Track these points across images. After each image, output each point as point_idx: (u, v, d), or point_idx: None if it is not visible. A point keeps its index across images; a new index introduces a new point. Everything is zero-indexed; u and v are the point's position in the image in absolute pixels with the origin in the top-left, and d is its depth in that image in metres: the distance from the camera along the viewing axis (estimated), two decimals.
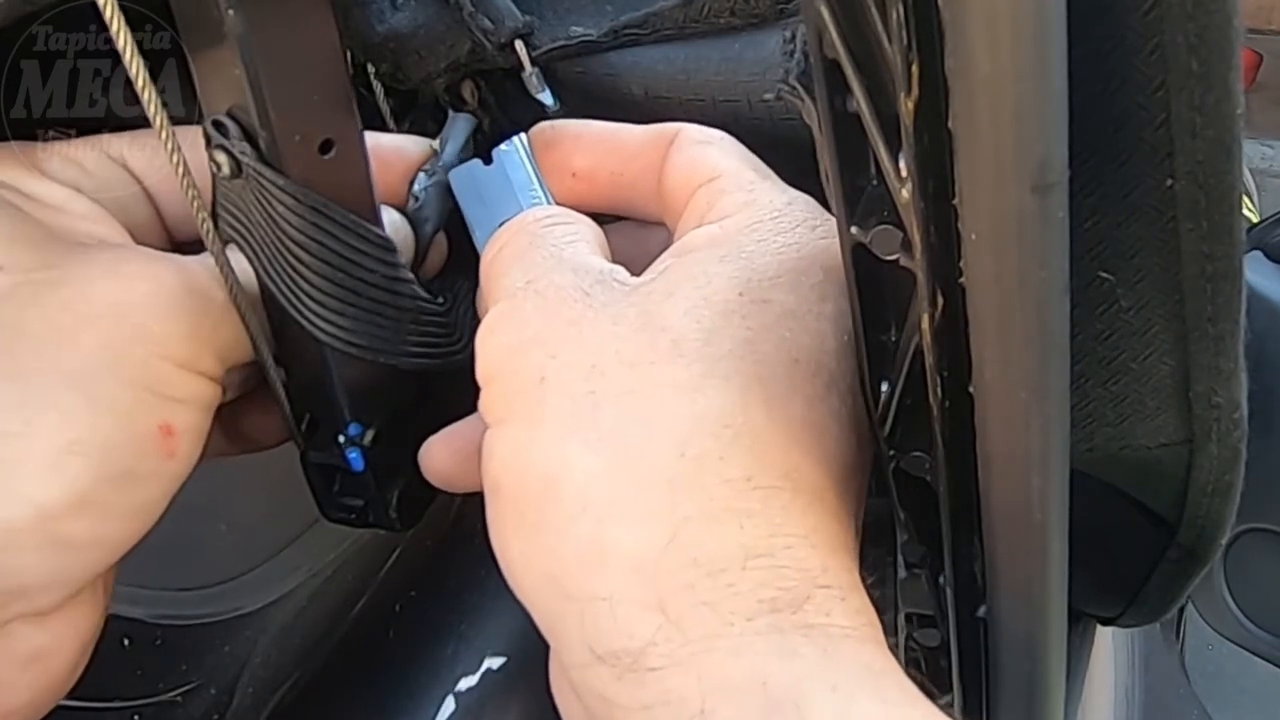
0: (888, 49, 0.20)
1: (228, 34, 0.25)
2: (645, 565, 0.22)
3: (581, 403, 0.24)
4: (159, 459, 0.26)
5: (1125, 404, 0.26)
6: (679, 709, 0.21)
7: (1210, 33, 0.18)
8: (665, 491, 0.23)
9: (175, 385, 0.26)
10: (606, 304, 0.25)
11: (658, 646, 0.22)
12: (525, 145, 0.32)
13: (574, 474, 0.23)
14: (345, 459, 0.31)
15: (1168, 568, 0.30)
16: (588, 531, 0.23)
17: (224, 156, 0.27)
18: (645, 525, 0.23)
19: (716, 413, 0.23)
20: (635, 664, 0.22)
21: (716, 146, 0.29)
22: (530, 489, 0.24)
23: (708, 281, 0.25)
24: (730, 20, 0.33)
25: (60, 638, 0.26)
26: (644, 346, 0.24)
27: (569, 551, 0.23)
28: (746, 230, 0.27)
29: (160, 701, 0.42)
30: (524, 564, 0.24)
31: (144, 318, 0.25)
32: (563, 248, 0.27)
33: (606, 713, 0.22)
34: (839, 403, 0.25)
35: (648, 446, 0.23)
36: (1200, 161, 0.20)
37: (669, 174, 0.29)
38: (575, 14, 0.37)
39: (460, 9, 0.35)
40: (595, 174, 0.31)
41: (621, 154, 0.30)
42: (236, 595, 0.45)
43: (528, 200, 0.31)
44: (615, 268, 0.27)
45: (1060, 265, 0.17)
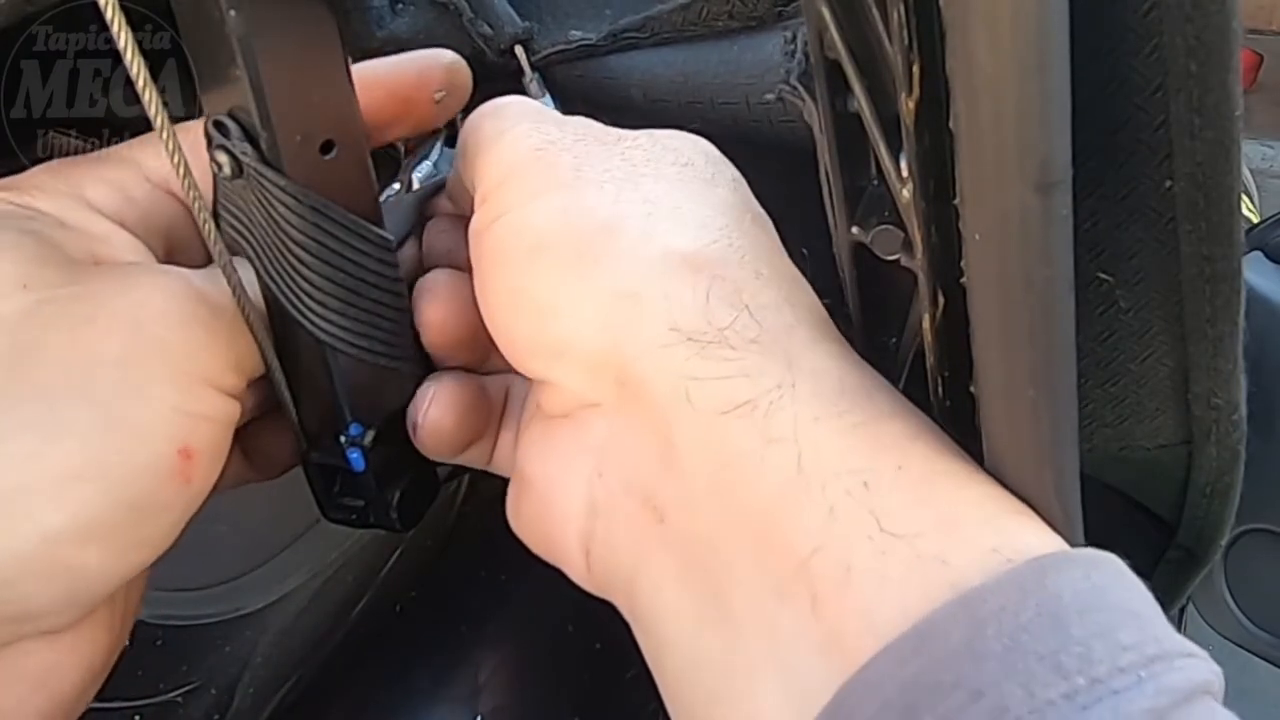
0: (889, 49, 0.20)
1: (228, 34, 0.25)
2: (715, 264, 0.25)
3: (622, 178, 0.27)
4: (176, 486, 0.25)
5: (1124, 405, 0.26)
6: (757, 380, 0.23)
7: (1209, 34, 0.18)
8: (717, 214, 0.27)
9: (197, 401, 0.26)
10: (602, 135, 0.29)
11: (739, 332, 0.24)
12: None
13: (634, 214, 0.26)
14: (346, 459, 0.31)
15: (1167, 568, 0.30)
16: (661, 248, 0.25)
17: (225, 157, 0.27)
18: (706, 233, 0.26)
19: (731, 192, 0.28)
20: (720, 339, 0.24)
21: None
22: (589, 235, 0.26)
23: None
24: (728, 23, 0.33)
25: (70, 656, 0.25)
26: (654, 156, 0.28)
27: (639, 269, 0.25)
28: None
29: (161, 702, 0.42)
30: (581, 298, 0.25)
31: (162, 333, 0.25)
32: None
33: (678, 389, 0.24)
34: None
35: (686, 203, 0.27)
36: (1199, 163, 0.20)
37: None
38: (574, 18, 0.37)
39: (460, 15, 0.35)
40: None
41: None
42: (237, 595, 0.45)
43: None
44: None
45: (1065, 264, 0.17)
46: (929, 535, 0.20)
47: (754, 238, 0.27)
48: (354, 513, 0.33)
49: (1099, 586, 0.19)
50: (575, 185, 0.27)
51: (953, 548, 0.20)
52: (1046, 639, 0.17)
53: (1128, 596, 0.19)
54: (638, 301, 0.25)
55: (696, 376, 0.23)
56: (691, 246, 0.25)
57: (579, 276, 0.25)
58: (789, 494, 0.22)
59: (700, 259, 0.25)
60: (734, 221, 0.27)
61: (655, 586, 0.24)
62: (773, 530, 0.22)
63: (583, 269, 0.25)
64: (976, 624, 0.18)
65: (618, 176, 0.27)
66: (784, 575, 0.21)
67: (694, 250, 0.25)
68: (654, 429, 0.24)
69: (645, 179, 0.27)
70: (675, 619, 0.23)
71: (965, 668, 0.17)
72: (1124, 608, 0.18)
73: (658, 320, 0.24)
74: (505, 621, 0.44)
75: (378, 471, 0.31)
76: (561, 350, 0.26)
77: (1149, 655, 0.18)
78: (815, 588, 0.21)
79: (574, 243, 0.26)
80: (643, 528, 0.24)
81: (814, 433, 0.22)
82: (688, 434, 0.23)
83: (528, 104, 0.30)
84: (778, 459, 0.22)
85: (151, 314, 0.25)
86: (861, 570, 0.20)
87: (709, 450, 0.23)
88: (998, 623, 0.18)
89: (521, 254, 0.26)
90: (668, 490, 0.24)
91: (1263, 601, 0.51)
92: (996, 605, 0.18)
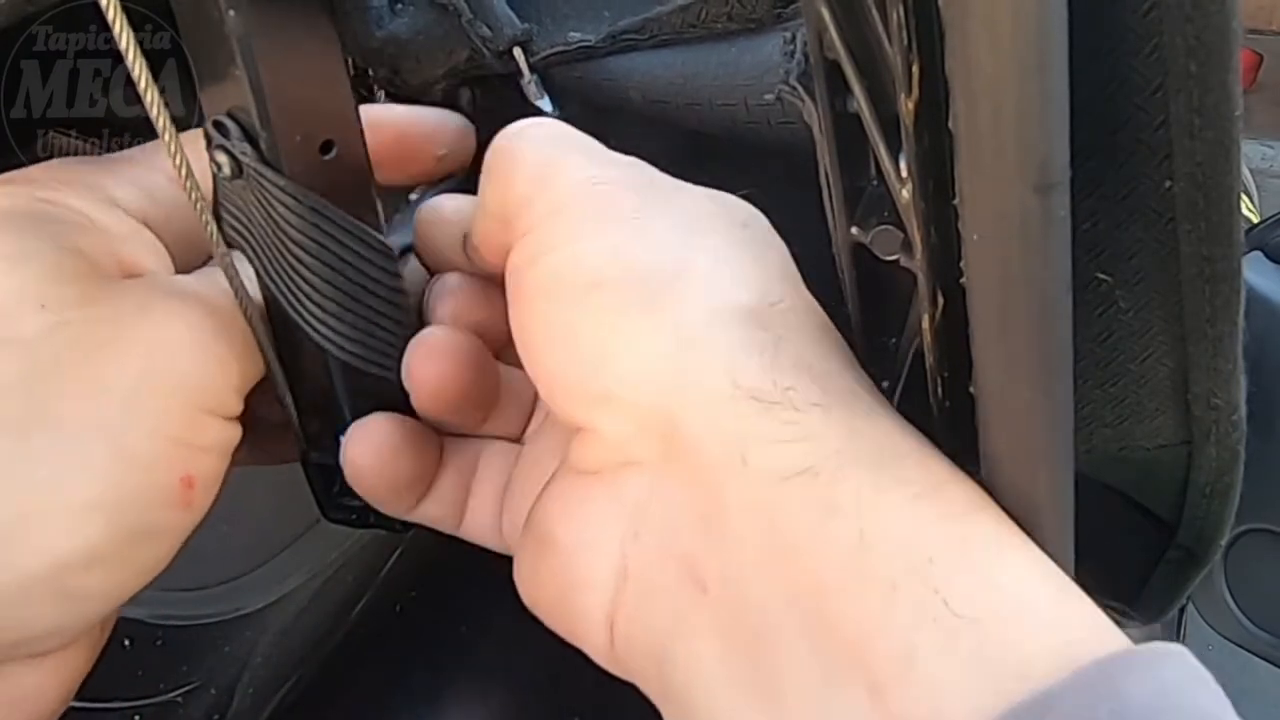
0: (888, 49, 0.20)
1: (228, 34, 0.25)
2: (779, 325, 0.24)
3: (685, 226, 0.26)
4: (177, 512, 0.25)
5: (1124, 405, 0.26)
6: (819, 446, 0.22)
7: (1209, 34, 0.18)
8: (776, 277, 0.26)
9: (199, 433, 0.26)
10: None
11: (803, 394, 0.23)
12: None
13: (700, 262, 0.25)
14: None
15: (1167, 568, 0.30)
16: (723, 301, 0.24)
17: (224, 157, 0.27)
18: (771, 293, 0.25)
19: (784, 259, 0.27)
20: (785, 400, 0.23)
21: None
22: (651, 276, 0.24)
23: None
24: (727, 25, 0.33)
25: (51, 678, 0.26)
26: (714, 211, 0.27)
27: (703, 318, 0.24)
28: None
29: (161, 702, 0.42)
30: (639, 341, 0.24)
31: (174, 364, 0.25)
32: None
33: (734, 449, 0.22)
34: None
35: (749, 262, 0.26)
36: (1199, 163, 0.20)
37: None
38: (573, 20, 0.37)
39: (459, 16, 0.35)
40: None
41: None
42: (237, 596, 0.46)
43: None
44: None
45: (1063, 265, 0.17)
46: (995, 619, 0.19)
47: (809, 305, 0.26)
48: (354, 513, 0.33)
49: (1168, 685, 0.18)
50: (637, 225, 0.25)
51: (1024, 637, 0.19)
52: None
53: (1198, 697, 0.18)
54: (700, 350, 0.23)
55: (757, 438, 0.22)
56: (758, 303, 0.24)
57: (638, 318, 0.24)
58: (849, 569, 0.20)
59: (766, 317, 0.24)
60: (793, 287, 0.26)
61: (694, 663, 0.23)
62: (830, 608, 0.20)
63: (643, 311, 0.24)
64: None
65: (680, 223, 0.26)
66: (839, 657, 0.20)
67: (760, 307, 0.24)
68: (702, 491, 0.23)
69: (707, 232, 0.26)
70: (716, 699, 0.22)
71: None
72: (1196, 710, 0.18)
73: (720, 373, 0.23)
74: (505, 622, 0.44)
75: None
76: (611, 395, 0.24)
77: None
78: (874, 673, 0.19)
79: (634, 283, 0.24)
80: (683, 598, 0.23)
81: (876, 505, 0.21)
82: (741, 499, 0.22)
83: (571, 132, 0.28)
84: (839, 531, 0.21)
85: (166, 343, 0.25)
86: (924, 655, 0.19)
87: (764, 518, 0.22)
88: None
89: (575, 291, 0.25)
90: (714, 559, 0.23)
91: (1263, 601, 0.51)
92: (1069, 708, 0.17)
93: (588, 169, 0.27)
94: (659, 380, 0.24)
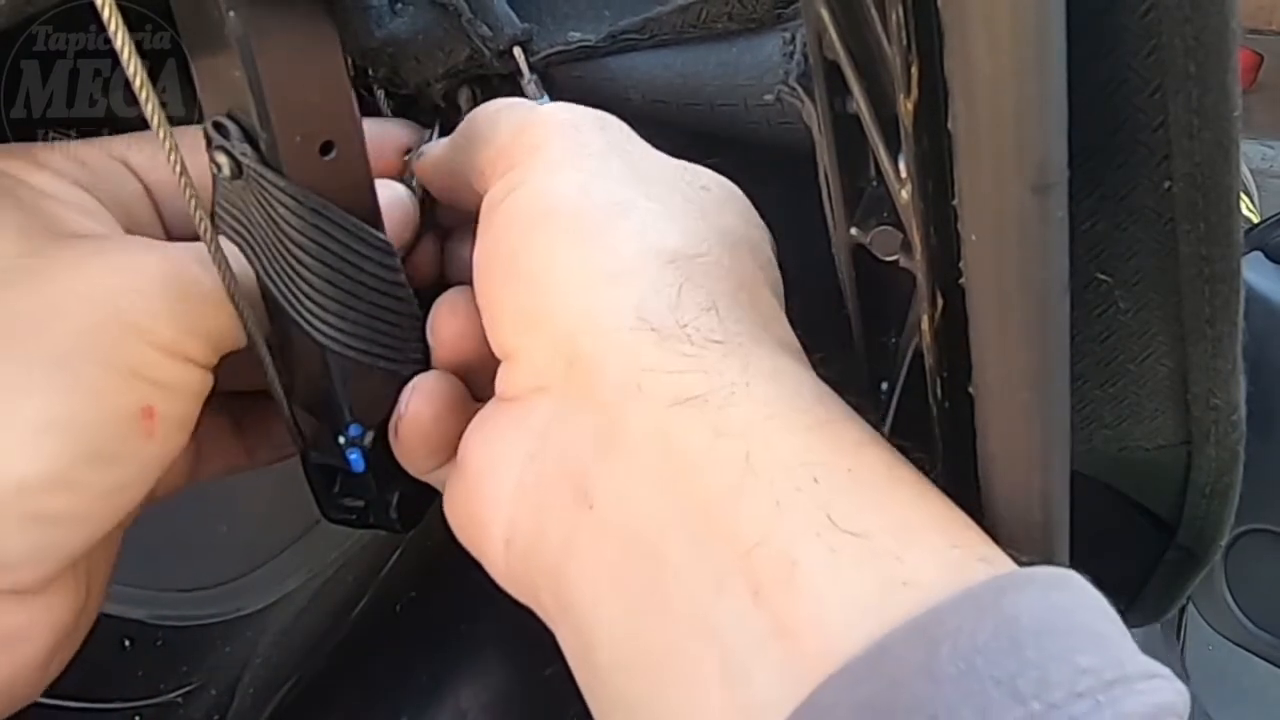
0: (887, 50, 0.20)
1: (228, 35, 0.25)
2: (696, 270, 0.26)
3: (641, 176, 0.28)
4: (138, 440, 0.26)
5: (1124, 405, 0.26)
6: (712, 377, 0.23)
7: (1207, 35, 0.18)
8: (714, 233, 0.27)
9: (157, 369, 0.26)
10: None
11: (701, 330, 0.24)
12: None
13: (640, 208, 0.27)
14: (346, 460, 0.31)
15: (1167, 568, 0.30)
16: (652, 243, 0.26)
17: (224, 158, 0.27)
18: (697, 243, 0.26)
19: (738, 222, 0.29)
20: (682, 335, 0.24)
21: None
22: (601, 212, 0.26)
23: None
24: (727, 25, 0.33)
25: (38, 619, 0.26)
26: (673, 174, 0.29)
27: (627, 254, 0.26)
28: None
29: (161, 702, 0.42)
30: (570, 273, 0.26)
31: (125, 302, 0.26)
32: None
33: (630, 378, 0.24)
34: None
35: (689, 216, 0.27)
36: (1198, 163, 0.20)
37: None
38: (573, 20, 0.37)
39: (459, 15, 0.35)
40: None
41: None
42: (237, 596, 0.46)
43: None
44: None
45: (1060, 265, 0.17)
46: (881, 536, 0.20)
47: (744, 265, 0.27)
48: (354, 513, 0.33)
49: (1058, 607, 0.18)
50: (597, 168, 0.28)
51: (907, 547, 0.20)
52: (1003, 662, 0.17)
53: (1089, 617, 0.19)
54: (618, 284, 0.25)
55: (651, 368, 0.24)
56: (679, 248, 0.26)
57: (575, 249, 0.26)
58: (734, 487, 0.21)
59: (683, 260, 0.26)
60: (729, 246, 0.27)
61: (584, 578, 0.23)
62: (715, 522, 0.21)
63: (581, 243, 0.26)
64: (932, 645, 0.18)
65: (637, 173, 0.28)
66: (725, 567, 0.21)
67: (680, 251, 0.26)
68: (598, 415, 0.24)
69: (661, 185, 0.28)
70: (606, 612, 0.23)
71: (920, 691, 0.17)
72: (1085, 629, 0.18)
73: (628, 306, 0.24)
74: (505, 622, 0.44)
75: (378, 472, 0.31)
76: (538, 321, 0.26)
77: (1107, 680, 0.17)
78: (758, 578, 0.20)
79: (579, 219, 0.26)
80: (573, 515, 0.24)
81: (765, 429, 0.22)
82: (635, 422, 0.23)
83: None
84: (725, 452, 0.22)
85: (113, 286, 0.26)
86: (809, 565, 0.20)
87: (655, 439, 0.23)
88: (953, 644, 0.17)
89: (528, 222, 0.27)
90: (604, 477, 0.24)
91: (1263, 601, 0.51)
92: (953, 626, 0.18)
93: (566, 113, 0.29)
94: (576, 309, 0.25)
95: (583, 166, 0.28)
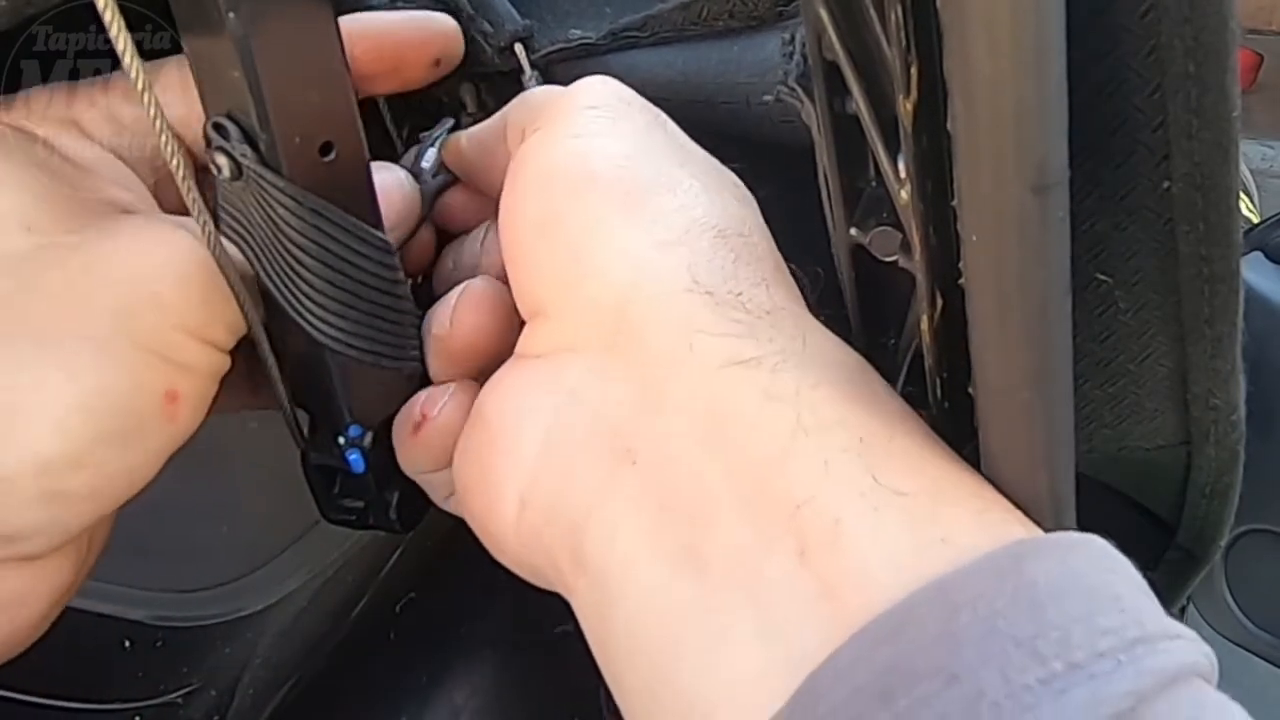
0: (887, 51, 0.20)
1: (228, 35, 0.25)
2: (744, 247, 0.26)
3: (684, 159, 0.28)
4: (160, 422, 0.26)
5: (1123, 405, 0.26)
6: (764, 344, 0.23)
7: (1206, 35, 0.18)
8: (751, 220, 0.28)
9: (184, 352, 0.26)
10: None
11: (756, 300, 0.25)
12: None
13: (687, 185, 0.27)
14: (345, 460, 0.31)
15: (1167, 569, 0.30)
16: (700, 217, 0.26)
17: (224, 159, 0.27)
18: (742, 225, 0.27)
19: (758, 217, 0.29)
20: (737, 303, 0.24)
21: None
22: (648, 181, 0.27)
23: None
24: (729, 23, 0.33)
25: (39, 584, 0.26)
26: (709, 164, 0.30)
27: (680, 225, 0.26)
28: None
29: (161, 703, 0.42)
30: (618, 238, 0.26)
31: (159, 285, 0.26)
32: None
33: (681, 338, 0.24)
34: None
35: (730, 201, 0.28)
36: (1197, 163, 0.20)
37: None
38: (574, 17, 0.37)
39: (460, 13, 0.35)
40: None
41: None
42: (237, 597, 0.46)
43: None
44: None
45: (1061, 266, 0.17)
46: (921, 496, 0.20)
47: (772, 251, 0.27)
48: (354, 514, 0.33)
49: (1077, 570, 0.19)
50: (643, 140, 0.28)
51: (944, 506, 0.20)
52: (1023, 624, 0.17)
53: (1109, 579, 0.19)
54: (670, 251, 0.25)
55: (703, 329, 0.24)
56: (726, 226, 0.26)
57: (622, 217, 0.26)
58: (785, 449, 0.22)
59: (734, 240, 0.26)
60: (761, 233, 0.28)
61: (613, 532, 0.23)
62: (764, 481, 0.22)
63: (627, 211, 0.26)
64: (952, 609, 0.18)
65: (680, 152, 0.29)
66: (771, 525, 0.21)
67: (728, 229, 0.26)
68: (644, 375, 0.24)
69: (701, 165, 0.29)
70: (639, 570, 0.23)
71: (941, 653, 0.17)
72: (1105, 591, 0.18)
73: (682, 269, 0.25)
74: (505, 622, 0.44)
75: (378, 473, 0.31)
76: (578, 280, 0.26)
77: (1130, 639, 0.17)
78: (805, 538, 0.20)
79: (627, 185, 0.26)
80: (607, 470, 0.24)
81: (813, 396, 0.22)
82: (683, 381, 0.24)
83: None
84: (775, 414, 0.22)
85: (149, 269, 0.26)
86: (852, 522, 0.20)
87: (703, 398, 0.23)
88: (973, 608, 0.18)
89: (570, 182, 0.27)
90: (646, 434, 0.24)
91: (1263, 601, 0.51)
92: (973, 591, 0.18)
93: (611, 84, 0.30)
94: (624, 273, 0.25)
95: (625, 134, 0.28)
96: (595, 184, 0.26)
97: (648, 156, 0.27)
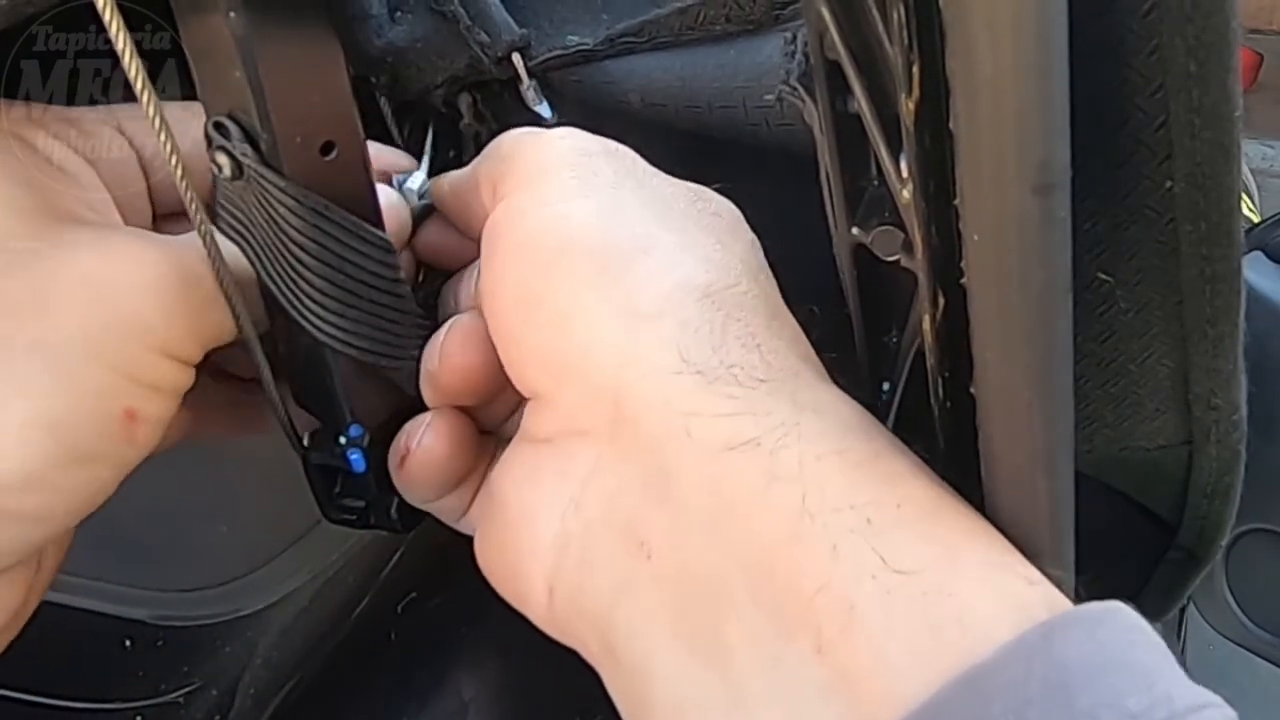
0: (889, 50, 0.20)
1: (229, 35, 0.25)
2: (732, 305, 0.25)
3: (659, 206, 0.27)
4: (118, 443, 0.26)
5: (1125, 405, 0.26)
6: (762, 419, 0.23)
7: (1208, 35, 0.18)
8: (737, 262, 0.27)
9: (147, 370, 0.26)
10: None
11: (748, 370, 0.24)
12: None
13: (665, 241, 0.26)
14: (346, 460, 0.31)
15: (1168, 568, 0.30)
16: (682, 279, 0.25)
17: (225, 158, 0.27)
18: (728, 276, 0.26)
19: (750, 249, 0.28)
20: (729, 376, 0.24)
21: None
22: (623, 246, 0.26)
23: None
24: (726, 27, 0.33)
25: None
26: (686, 198, 0.29)
27: (661, 293, 0.25)
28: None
29: (162, 703, 0.42)
30: (600, 313, 0.25)
31: (125, 300, 0.25)
32: None
33: (677, 423, 0.23)
34: None
35: (711, 246, 0.27)
36: (1199, 163, 0.20)
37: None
38: (571, 23, 0.37)
39: (458, 22, 0.35)
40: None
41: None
42: (238, 596, 0.46)
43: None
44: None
45: (1062, 265, 0.17)
46: (932, 571, 0.20)
47: (766, 290, 0.27)
48: (355, 514, 0.33)
49: (1105, 645, 0.18)
50: (613, 196, 0.27)
51: (956, 581, 0.20)
52: (1053, 713, 0.17)
53: (1137, 653, 0.19)
54: (653, 326, 0.24)
55: (698, 412, 0.23)
56: (714, 284, 0.25)
57: (601, 290, 0.25)
58: (792, 534, 0.21)
59: (720, 297, 0.25)
60: (751, 273, 0.27)
61: (638, 626, 0.23)
62: (775, 568, 0.21)
63: (606, 283, 0.25)
64: (983, 701, 0.18)
65: (652, 202, 0.27)
66: (788, 613, 0.21)
67: (716, 288, 0.25)
68: (647, 462, 0.24)
69: (678, 215, 0.27)
70: (662, 660, 0.23)
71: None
72: (1133, 666, 0.18)
73: (670, 347, 0.24)
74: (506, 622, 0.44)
75: (378, 473, 0.31)
76: (568, 364, 0.25)
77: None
78: (821, 627, 0.20)
79: (602, 255, 0.25)
80: (625, 565, 0.24)
81: (817, 471, 0.22)
82: (686, 469, 0.23)
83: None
84: (782, 497, 0.22)
85: (116, 282, 0.25)
86: (865, 609, 0.20)
87: (708, 486, 0.23)
88: (1004, 699, 0.18)
89: (545, 256, 0.26)
90: (658, 526, 0.23)
91: (1263, 601, 0.51)
92: (1003, 680, 0.18)
93: (571, 139, 0.28)
94: (612, 353, 0.24)
95: (595, 195, 0.27)
96: (571, 257, 0.26)
97: (621, 218, 0.26)
